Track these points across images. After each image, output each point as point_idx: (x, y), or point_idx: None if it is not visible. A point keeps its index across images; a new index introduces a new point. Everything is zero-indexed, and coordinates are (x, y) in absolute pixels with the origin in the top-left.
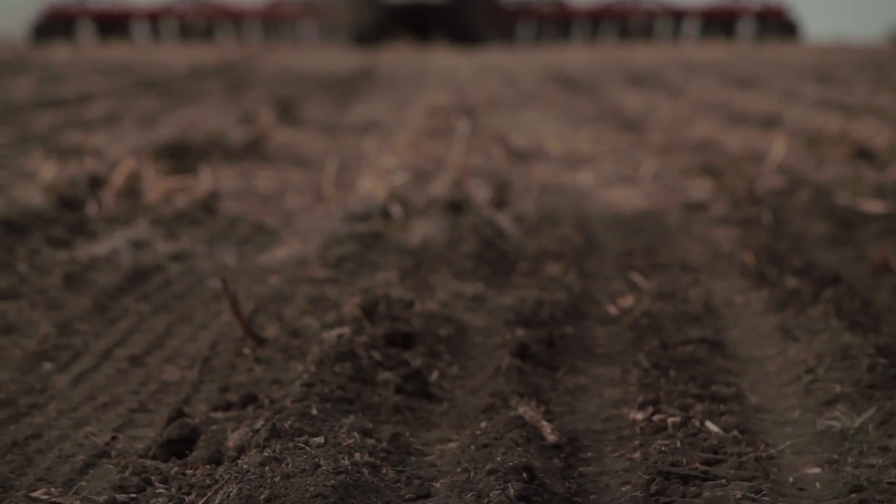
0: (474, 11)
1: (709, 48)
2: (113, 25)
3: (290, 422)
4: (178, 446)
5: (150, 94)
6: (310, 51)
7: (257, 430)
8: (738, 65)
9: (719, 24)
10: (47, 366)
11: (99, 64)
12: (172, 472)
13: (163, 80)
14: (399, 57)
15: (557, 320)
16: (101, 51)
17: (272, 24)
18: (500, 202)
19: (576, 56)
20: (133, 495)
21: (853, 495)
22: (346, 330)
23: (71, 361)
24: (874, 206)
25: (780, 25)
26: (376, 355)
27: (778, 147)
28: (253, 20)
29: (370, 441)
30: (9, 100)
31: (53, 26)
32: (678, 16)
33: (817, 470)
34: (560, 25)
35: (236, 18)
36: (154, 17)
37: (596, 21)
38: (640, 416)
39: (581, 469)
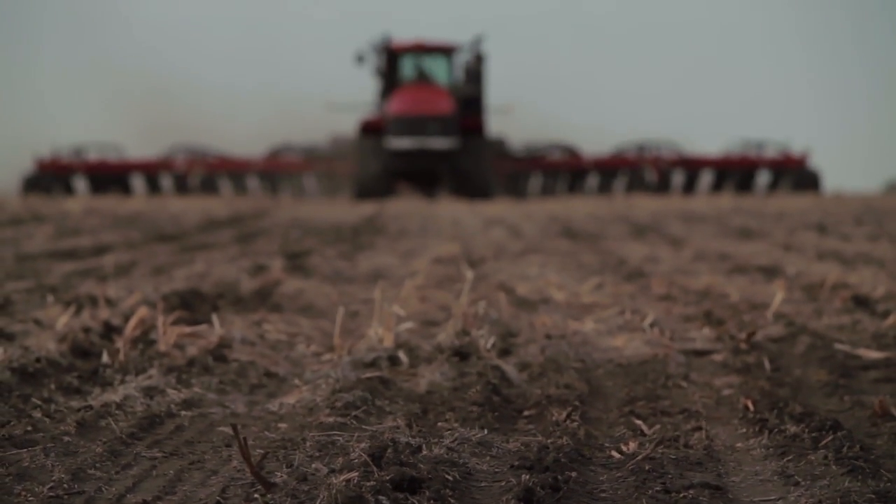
0: (483, 160)
1: (709, 199)
2: (109, 178)
3: None
4: None
5: (163, 245)
6: (316, 203)
7: None
8: (738, 216)
9: (736, 174)
10: None
11: (111, 215)
12: None
13: (175, 232)
14: (406, 208)
15: (562, 465)
16: (112, 202)
17: (273, 175)
18: (505, 349)
19: (580, 207)
20: None
21: None
22: (354, 475)
23: None
24: (873, 354)
25: (799, 176)
26: (384, 500)
27: (777, 296)
28: (254, 172)
29: None
30: (24, 251)
31: (48, 179)
32: (693, 165)
33: None
34: (572, 176)
35: (237, 170)
36: (153, 170)
37: (610, 171)
38: None
39: None
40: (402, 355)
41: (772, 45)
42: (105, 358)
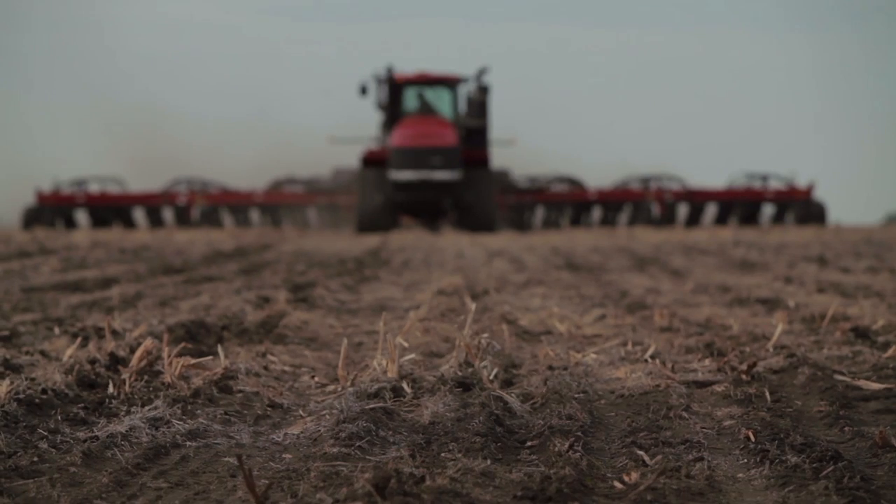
0: (487, 193)
1: (711, 231)
2: (111, 210)
3: None
4: None
5: (169, 277)
6: (321, 236)
7: None
8: (739, 248)
9: (741, 207)
10: None
11: (117, 247)
12: None
13: (181, 264)
14: (409, 240)
15: (564, 495)
16: (118, 235)
17: (275, 208)
18: (507, 381)
19: (582, 240)
20: None
21: None
22: None
23: None
24: (873, 385)
25: (805, 209)
26: None
27: (778, 328)
28: (255, 204)
29: None
30: (31, 283)
31: (49, 211)
32: (698, 198)
33: None
34: (576, 208)
35: (239, 203)
36: (154, 202)
37: (614, 204)
38: None
39: None
40: (405, 386)
41: (772, 80)
42: (111, 389)
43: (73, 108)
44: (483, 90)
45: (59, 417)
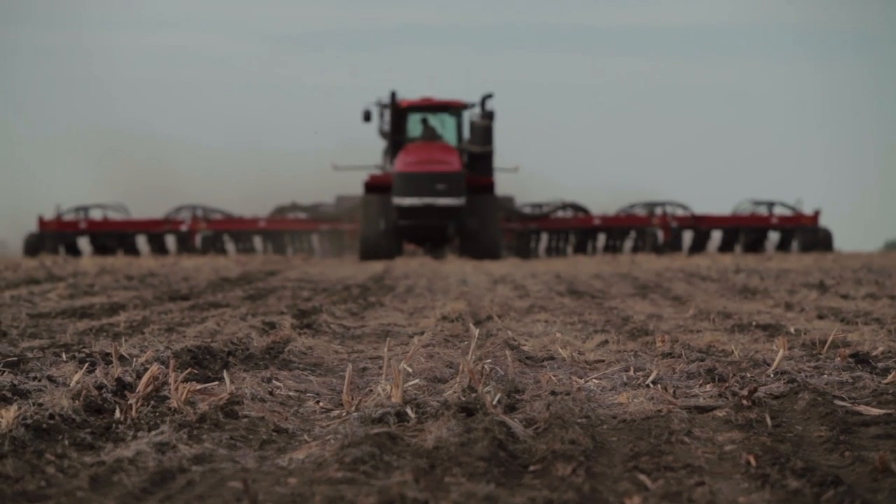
0: (492, 219)
1: (712, 258)
2: (112, 237)
3: None
4: None
5: (175, 303)
6: (325, 263)
7: None
8: (740, 275)
9: (747, 233)
10: None
11: (123, 274)
12: None
13: (187, 291)
14: (413, 267)
15: None
16: (124, 262)
17: (278, 234)
18: (511, 405)
19: (585, 267)
20: None
21: None
22: None
23: None
24: (873, 411)
25: (812, 235)
26: None
27: (779, 353)
28: (258, 231)
29: None
30: (39, 310)
31: (51, 238)
32: (703, 224)
33: None
34: (581, 234)
35: (242, 229)
36: (157, 229)
37: (618, 230)
38: None
39: None
40: (409, 411)
41: (775, 108)
42: (118, 414)
43: (67, 136)
44: (488, 115)
45: (67, 442)
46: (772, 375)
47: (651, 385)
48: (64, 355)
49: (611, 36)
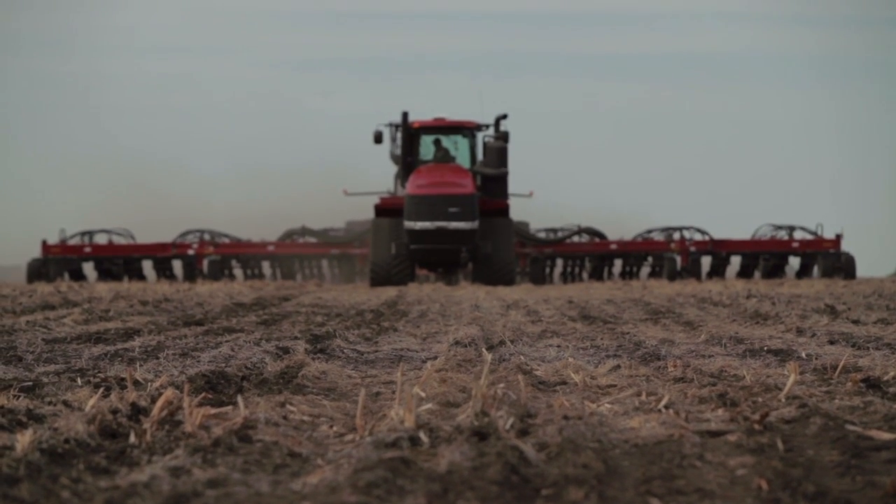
0: (506, 244)
1: (724, 283)
2: (118, 262)
3: None
4: None
5: (189, 328)
6: (338, 288)
7: None
8: (751, 300)
9: (768, 258)
10: None
11: (138, 299)
12: None
13: (201, 316)
14: (426, 292)
15: None
16: (139, 287)
17: (287, 259)
18: (523, 430)
19: (597, 292)
20: None
21: None
22: None
23: None
24: (884, 435)
25: (835, 260)
26: None
27: (790, 378)
28: (267, 256)
29: None
30: (54, 335)
31: (55, 263)
32: (723, 248)
33: None
34: (597, 260)
35: (250, 254)
36: (164, 253)
37: (635, 256)
38: None
39: None
40: (422, 436)
41: (789, 134)
42: (132, 439)
43: (72, 163)
44: (502, 137)
45: (82, 467)
46: (783, 400)
47: (663, 409)
48: (79, 380)
49: (628, 63)
